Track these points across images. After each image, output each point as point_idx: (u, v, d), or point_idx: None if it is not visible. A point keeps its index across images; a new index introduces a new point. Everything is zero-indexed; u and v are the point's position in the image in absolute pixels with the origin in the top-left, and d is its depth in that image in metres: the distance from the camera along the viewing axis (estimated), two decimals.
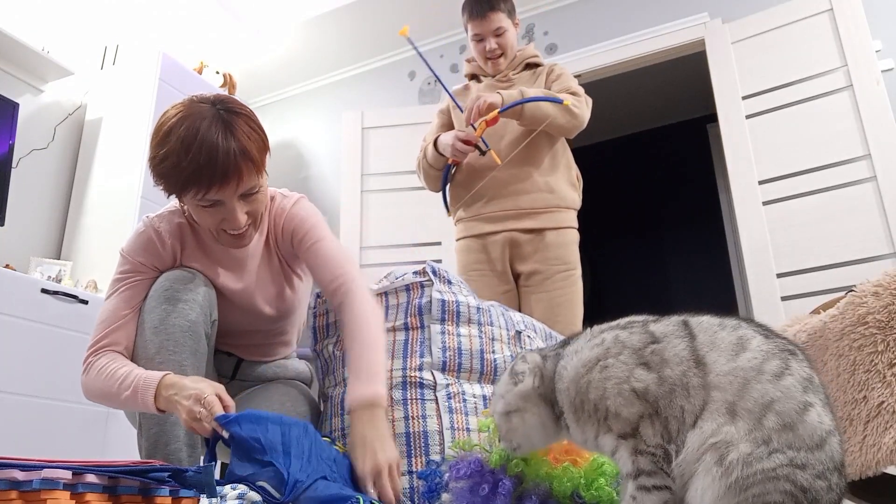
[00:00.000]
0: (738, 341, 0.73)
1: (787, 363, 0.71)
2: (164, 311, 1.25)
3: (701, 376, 0.72)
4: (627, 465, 0.74)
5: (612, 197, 5.18)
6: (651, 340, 0.77)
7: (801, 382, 0.69)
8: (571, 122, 2.08)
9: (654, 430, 0.72)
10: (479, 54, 2.24)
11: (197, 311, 1.27)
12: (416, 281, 1.42)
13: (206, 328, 1.30)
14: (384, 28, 3.85)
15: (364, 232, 3.45)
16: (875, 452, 1.13)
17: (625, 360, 0.76)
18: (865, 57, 2.71)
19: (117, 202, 3.14)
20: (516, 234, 2.09)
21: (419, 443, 1.23)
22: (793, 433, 0.66)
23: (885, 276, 1.24)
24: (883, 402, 1.15)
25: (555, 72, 2.22)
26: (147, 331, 1.25)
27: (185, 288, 1.28)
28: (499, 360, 1.35)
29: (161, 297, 1.27)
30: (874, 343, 1.19)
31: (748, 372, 0.70)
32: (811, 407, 0.68)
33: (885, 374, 1.17)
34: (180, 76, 3.41)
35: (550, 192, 2.11)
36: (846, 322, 1.25)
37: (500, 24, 2.17)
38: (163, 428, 1.21)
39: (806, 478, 0.65)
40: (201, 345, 1.27)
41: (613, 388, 0.75)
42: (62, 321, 2.63)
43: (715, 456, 0.67)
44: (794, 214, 2.72)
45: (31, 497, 0.75)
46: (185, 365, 1.23)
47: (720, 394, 0.70)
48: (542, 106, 2.01)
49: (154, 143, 1.26)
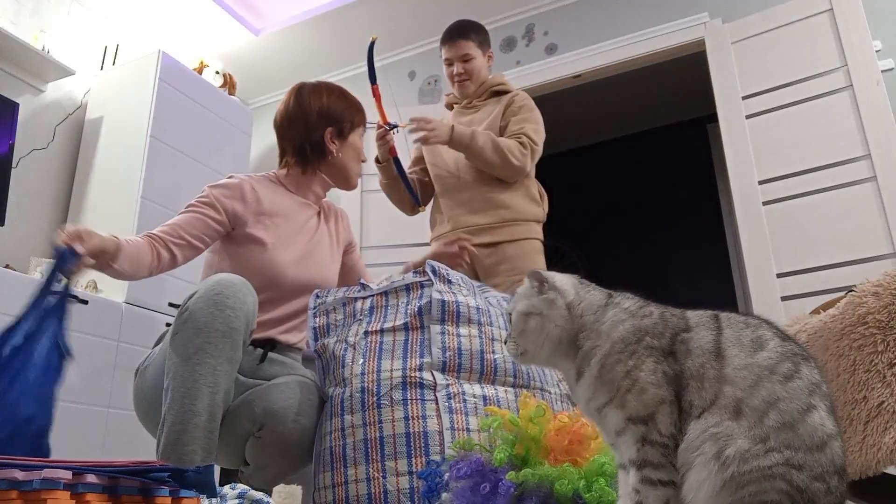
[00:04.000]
0: (757, 339, 0.74)
1: (799, 367, 0.71)
2: (210, 315, 1.28)
3: (717, 369, 0.72)
4: (632, 452, 0.72)
5: (613, 197, 5.18)
6: (684, 328, 0.77)
7: (808, 386, 0.70)
8: (508, 172, 2.19)
9: (671, 418, 0.72)
10: (448, 77, 2.42)
11: (241, 320, 1.31)
12: (416, 281, 1.42)
13: (245, 337, 1.34)
14: (384, 28, 3.85)
15: (364, 232, 3.45)
16: (875, 452, 1.13)
17: (663, 345, 0.76)
18: (865, 57, 2.71)
19: (117, 202, 3.14)
20: (475, 248, 2.16)
21: (419, 443, 1.23)
22: (792, 432, 0.66)
23: (885, 276, 1.24)
24: (883, 402, 1.15)
25: (515, 103, 2.30)
26: (189, 330, 1.28)
27: (234, 295, 1.31)
28: (499, 360, 1.35)
29: (210, 300, 1.30)
30: (874, 343, 1.20)
31: (762, 370, 0.70)
32: (814, 409, 0.68)
33: (885, 374, 1.17)
34: (180, 76, 3.42)
35: (506, 207, 2.21)
36: (846, 322, 1.25)
37: (467, 51, 2.34)
38: (185, 427, 1.24)
39: (802, 478, 0.64)
40: (237, 353, 1.32)
41: (651, 365, 0.74)
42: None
43: (713, 448, 0.67)
44: (794, 214, 2.72)
45: (32, 497, 0.75)
46: (218, 370, 1.28)
47: (731, 389, 0.70)
48: (486, 153, 2.14)
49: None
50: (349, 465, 1.26)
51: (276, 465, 1.40)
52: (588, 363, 0.78)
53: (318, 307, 1.51)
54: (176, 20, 3.77)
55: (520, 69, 3.54)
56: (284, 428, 1.34)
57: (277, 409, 1.34)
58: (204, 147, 3.48)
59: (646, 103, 4.73)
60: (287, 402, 1.35)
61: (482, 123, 2.29)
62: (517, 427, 1.06)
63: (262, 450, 1.37)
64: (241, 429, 1.39)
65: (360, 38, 3.96)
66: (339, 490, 1.25)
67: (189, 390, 1.26)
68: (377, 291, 1.48)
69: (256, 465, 1.41)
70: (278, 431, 1.34)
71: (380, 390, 1.29)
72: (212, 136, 3.55)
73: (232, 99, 3.79)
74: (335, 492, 1.26)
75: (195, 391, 1.26)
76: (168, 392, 1.29)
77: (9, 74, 3.15)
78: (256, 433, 1.37)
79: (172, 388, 1.28)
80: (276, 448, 1.36)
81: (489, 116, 2.29)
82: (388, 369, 1.31)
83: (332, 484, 1.27)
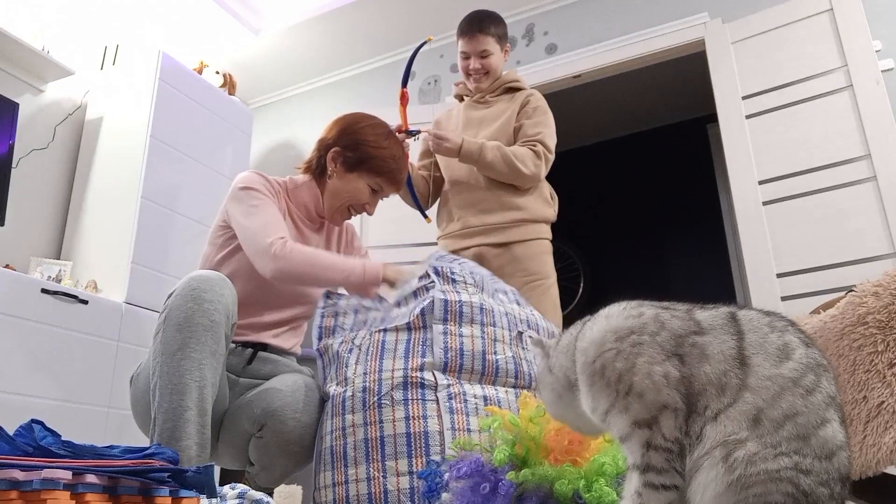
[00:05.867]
0: (783, 347, 0.70)
1: (820, 380, 0.69)
2: (190, 310, 1.29)
3: (741, 377, 0.69)
4: (636, 457, 0.71)
5: (613, 197, 5.18)
6: (694, 330, 0.73)
7: (826, 399, 0.68)
8: (520, 182, 2.17)
9: (676, 422, 0.69)
10: (462, 70, 2.36)
11: (221, 313, 1.31)
12: (420, 286, 1.43)
13: (227, 330, 1.34)
14: (384, 28, 3.85)
15: (364, 232, 3.45)
16: (875, 452, 1.13)
17: (661, 343, 0.72)
18: (865, 57, 2.71)
19: (117, 202, 3.14)
20: (485, 248, 2.17)
21: (420, 443, 1.23)
22: (804, 442, 0.66)
23: (885, 276, 1.24)
24: (883, 402, 1.15)
25: (530, 105, 2.26)
26: (171, 327, 1.29)
27: (212, 289, 1.31)
28: (500, 360, 1.35)
29: (187, 295, 1.30)
30: (874, 343, 1.20)
31: (786, 382, 0.68)
32: (829, 423, 0.67)
33: (885, 374, 1.17)
34: (180, 76, 3.42)
35: (518, 209, 2.18)
36: (846, 322, 1.25)
37: (486, 47, 2.28)
38: (177, 423, 1.24)
39: (809, 483, 0.64)
40: (220, 346, 1.32)
41: (644, 367, 0.71)
42: (62, 321, 2.63)
43: (723, 452, 0.66)
44: (794, 214, 2.72)
45: (32, 497, 0.75)
46: (203, 364, 1.27)
47: (753, 397, 0.67)
48: (496, 166, 2.12)
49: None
50: (350, 464, 1.26)
51: (280, 464, 1.40)
52: (580, 377, 0.77)
53: (328, 307, 1.51)
54: (176, 20, 3.77)
55: (520, 69, 3.53)
56: (285, 427, 1.34)
57: (276, 409, 1.34)
58: (204, 147, 3.48)
59: (646, 103, 4.73)
60: (286, 401, 1.35)
61: (495, 122, 2.26)
62: (517, 427, 1.06)
63: (264, 449, 1.37)
64: (243, 430, 1.39)
65: (359, 38, 3.97)
66: (339, 489, 1.25)
67: (176, 386, 1.26)
68: (393, 304, 1.49)
69: (261, 464, 1.41)
70: (279, 431, 1.34)
71: (381, 390, 1.29)
72: (212, 136, 3.55)
73: (232, 99, 3.79)
74: (335, 491, 1.26)
75: (182, 387, 1.26)
76: (156, 391, 1.28)
77: (9, 74, 3.15)
78: (257, 433, 1.37)
79: (160, 386, 1.27)
80: (278, 447, 1.36)
81: (502, 115, 2.26)
82: (389, 369, 1.31)
83: (333, 483, 1.27)
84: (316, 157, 1.73)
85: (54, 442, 0.85)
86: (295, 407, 1.35)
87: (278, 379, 1.44)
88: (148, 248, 3.03)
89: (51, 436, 0.85)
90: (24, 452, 0.81)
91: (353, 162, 1.67)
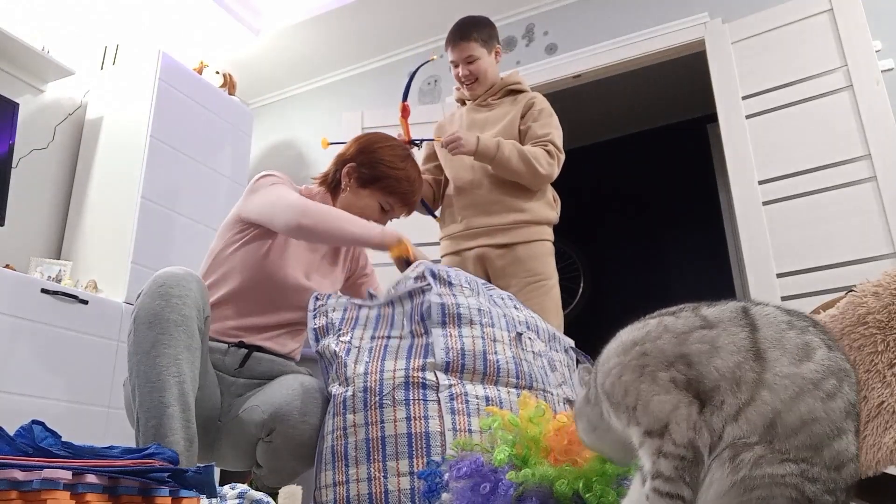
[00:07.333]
0: (804, 346, 0.68)
1: (842, 385, 0.67)
2: (158, 307, 1.27)
3: (757, 372, 0.66)
4: (648, 464, 0.70)
5: (613, 197, 5.18)
6: (701, 325, 0.71)
7: (846, 407, 0.66)
8: (535, 181, 2.17)
9: (689, 423, 0.67)
10: (455, 79, 2.40)
11: (191, 307, 1.30)
12: (416, 287, 1.43)
13: (200, 324, 1.33)
14: (384, 28, 3.85)
15: None
16: (875, 452, 1.13)
17: (662, 347, 0.71)
18: (865, 57, 2.71)
19: (117, 202, 3.14)
20: (488, 249, 2.18)
21: (421, 443, 1.23)
22: (814, 452, 0.64)
23: (885, 276, 1.24)
24: (883, 402, 1.15)
25: (535, 107, 2.27)
26: (141, 326, 1.27)
27: (179, 284, 1.30)
28: (501, 360, 1.35)
29: (155, 293, 1.29)
30: (874, 343, 1.19)
31: (806, 383, 0.65)
32: (845, 434, 0.65)
33: (885, 374, 1.17)
34: (180, 76, 3.42)
35: (521, 211, 2.19)
36: (846, 322, 1.25)
37: (470, 53, 2.30)
38: (161, 421, 1.23)
39: (814, 490, 0.63)
40: (195, 340, 1.31)
41: (649, 375, 0.69)
42: (62, 321, 2.63)
43: (731, 452, 0.65)
44: (794, 214, 2.71)
45: (32, 497, 0.75)
46: (179, 359, 1.26)
47: (770, 395, 0.65)
48: (512, 163, 2.12)
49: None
50: (351, 464, 1.26)
51: (290, 466, 1.40)
52: (602, 400, 0.76)
53: (318, 308, 1.51)
54: (176, 20, 3.77)
55: (520, 69, 3.53)
56: (294, 430, 1.33)
57: (284, 413, 1.34)
58: (204, 147, 3.48)
59: (646, 103, 4.73)
60: (292, 404, 1.35)
61: (498, 124, 2.26)
62: (517, 427, 1.06)
63: (274, 453, 1.37)
64: (250, 434, 1.39)
65: (360, 38, 3.97)
66: (340, 489, 1.25)
67: (155, 384, 1.25)
68: (384, 302, 1.48)
69: (270, 467, 1.40)
70: (288, 435, 1.34)
71: (382, 390, 1.29)
72: (212, 136, 3.55)
73: (232, 99, 3.79)
74: (336, 490, 1.26)
75: (161, 383, 1.25)
76: (136, 390, 1.27)
77: (9, 74, 3.15)
78: (265, 438, 1.37)
79: (139, 386, 1.26)
80: (289, 451, 1.36)
81: (505, 117, 2.26)
82: (391, 369, 1.31)
83: (334, 483, 1.27)
84: (332, 171, 1.75)
85: (54, 443, 0.85)
86: (304, 410, 1.34)
87: (282, 381, 1.43)
88: (148, 248, 3.03)
89: (51, 437, 0.85)
90: (23, 453, 0.81)
91: (366, 179, 1.70)
